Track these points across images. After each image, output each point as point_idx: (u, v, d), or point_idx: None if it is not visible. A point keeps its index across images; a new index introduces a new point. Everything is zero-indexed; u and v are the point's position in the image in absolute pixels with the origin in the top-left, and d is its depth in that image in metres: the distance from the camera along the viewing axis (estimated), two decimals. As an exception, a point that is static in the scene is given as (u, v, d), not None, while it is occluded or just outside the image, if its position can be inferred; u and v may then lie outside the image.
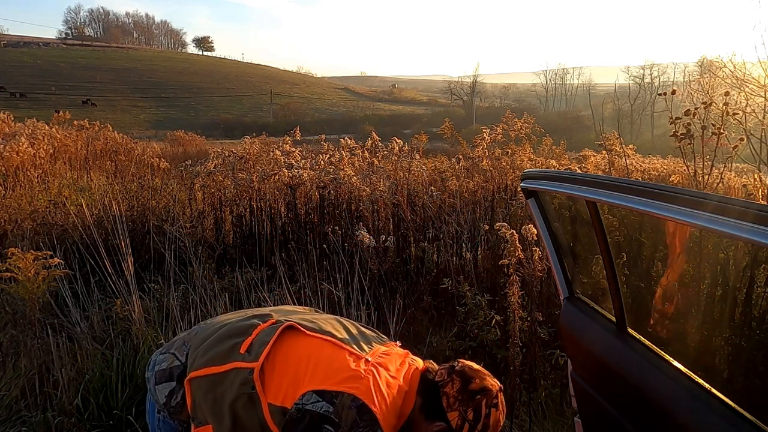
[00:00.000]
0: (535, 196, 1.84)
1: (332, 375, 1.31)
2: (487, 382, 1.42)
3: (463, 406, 1.37)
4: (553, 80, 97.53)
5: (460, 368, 1.44)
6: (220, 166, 5.43)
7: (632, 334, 1.55)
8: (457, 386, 1.39)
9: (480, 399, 1.37)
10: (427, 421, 1.38)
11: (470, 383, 1.40)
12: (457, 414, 1.36)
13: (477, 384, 1.40)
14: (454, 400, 1.37)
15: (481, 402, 1.37)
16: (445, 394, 1.38)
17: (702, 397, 1.24)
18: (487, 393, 1.39)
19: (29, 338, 3.00)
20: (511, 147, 4.97)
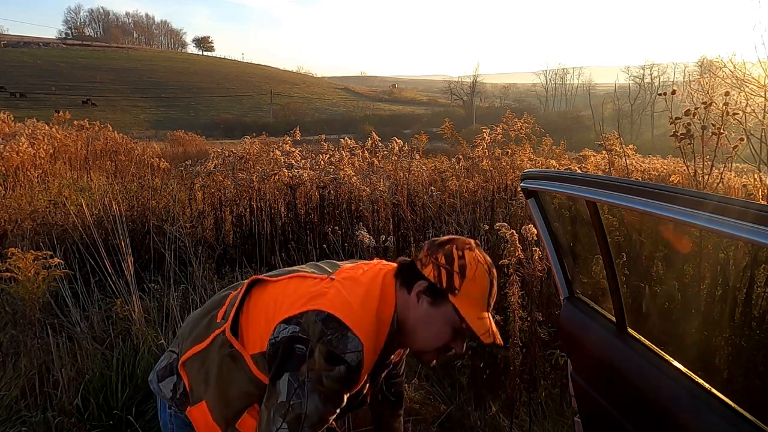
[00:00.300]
0: (535, 196, 1.84)
1: (296, 301, 1.28)
2: (452, 236, 1.34)
3: (432, 255, 1.29)
4: (553, 80, 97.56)
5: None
6: (220, 166, 5.44)
7: (632, 334, 1.55)
8: (425, 248, 1.33)
9: (449, 246, 1.29)
10: (408, 292, 1.30)
11: (437, 240, 1.33)
12: (431, 266, 1.28)
13: (442, 238, 1.34)
14: (425, 257, 1.30)
15: (450, 248, 1.28)
16: (417, 260, 1.32)
17: (702, 397, 1.24)
18: (455, 241, 1.31)
19: (29, 338, 3.00)
20: (511, 147, 4.97)
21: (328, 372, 1.18)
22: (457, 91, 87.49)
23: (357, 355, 1.20)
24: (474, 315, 1.27)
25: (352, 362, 1.19)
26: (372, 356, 1.26)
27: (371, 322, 1.26)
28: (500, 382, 2.90)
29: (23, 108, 46.62)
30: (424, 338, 1.31)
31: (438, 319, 1.28)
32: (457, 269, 1.26)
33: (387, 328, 1.30)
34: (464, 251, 1.28)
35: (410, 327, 1.31)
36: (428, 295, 1.28)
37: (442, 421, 2.73)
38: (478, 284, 1.27)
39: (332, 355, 1.18)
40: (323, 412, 1.20)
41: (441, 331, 1.30)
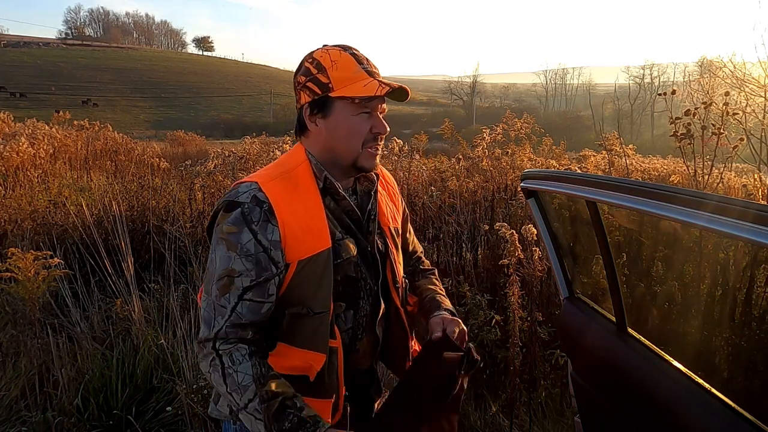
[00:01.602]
0: (535, 196, 1.84)
1: None
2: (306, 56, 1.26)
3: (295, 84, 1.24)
4: (553, 80, 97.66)
5: None
6: (220, 166, 5.44)
7: (632, 334, 1.55)
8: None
9: (300, 64, 1.23)
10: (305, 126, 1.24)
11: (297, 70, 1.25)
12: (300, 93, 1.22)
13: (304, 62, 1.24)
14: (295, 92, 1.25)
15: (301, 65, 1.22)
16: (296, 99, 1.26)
17: (702, 397, 1.24)
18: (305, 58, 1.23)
19: (29, 338, 3.00)
20: (511, 147, 4.97)
21: (227, 218, 1.14)
22: (457, 91, 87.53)
23: (249, 192, 1.14)
24: (358, 88, 1.17)
25: (245, 200, 1.13)
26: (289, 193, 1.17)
27: (270, 169, 1.23)
28: (500, 382, 2.90)
29: (23, 108, 46.65)
30: (347, 145, 1.21)
31: (339, 120, 1.20)
32: (315, 71, 1.19)
33: (306, 169, 1.22)
34: (312, 55, 1.21)
35: (330, 150, 1.22)
36: (316, 112, 1.20)
37: (442, 421, 2.73)
38: (341, 65, 1.18)
39: (228, 203, 1.15)
40: (227, 261, 1.12)
41: (353, 127, 1.20)
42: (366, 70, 1.19)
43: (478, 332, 2.90)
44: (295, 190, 1.19)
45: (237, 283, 1.12)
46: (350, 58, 1.19)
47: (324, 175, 1.21)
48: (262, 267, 1.13)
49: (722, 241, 2.93)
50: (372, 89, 1.16)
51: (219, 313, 1.12)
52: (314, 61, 1.20)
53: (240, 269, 1.12)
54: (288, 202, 1.16)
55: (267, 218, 1.13)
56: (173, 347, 2.94)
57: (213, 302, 1.13)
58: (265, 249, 1.13)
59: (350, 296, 1.24)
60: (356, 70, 1.18)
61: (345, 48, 1.21)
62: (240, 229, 1.12)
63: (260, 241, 1.13)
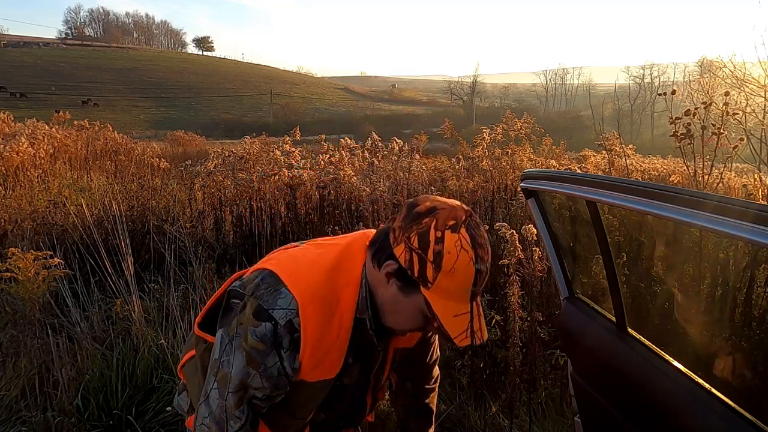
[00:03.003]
0: (535, 196, 1.84)
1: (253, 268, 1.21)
2: (438, 203, 1.05)
3: (406, 231, 1.03)
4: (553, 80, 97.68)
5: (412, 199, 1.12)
6: (220, 166, 5.44)
7: (632, 334, 1.55)
8: (403, 214, 1.07)
9: (427, 221, 1.02)
10: (378, 268, 1.09)
11: (415, 207, 1.06)
12: (403, 245, 1.03)
13: (425, 206, 1.05)
14: (399, 231, 1.05)
15: (429, 224, 1.02)
16: (392, 230, 1.07)
17: (702, 397, 1.24)
18: (436, 213, 1.03)
19: (29, 338, 3.00)
20: (511, 147, 4.98)
21: (254, 327, 1.06)
22: (457, 91, 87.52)
23: (287, 313, 1.06)
24: (449, 312, 1.05)
25: (280, 320, 1.06)
26: (323, 325, 1.09)
27: (317, 283, 1.10)
28: (500, 382, 2.90)
29: (23, 108, 46.68)
30: (394, 320, 1.14)
31: (408, 306, 1.09)
32: (431, 257, 1.01)
33: (351, 297, 1.12)
34: (444, 232, 1.01)
35: (379, 303, 1.13)
36: (398, 280, 1.07)
37: (442, 421, 2.73)
38: (457, 278, 1.02)
39: (260, 310, 1.07)
40: (245, 375, 1.08)
41: (412, 318, 1.11)
42: (473, 292, 1.05)
43: (478, 332, 2.90)
44: (330, 322, 1.11)
45: (251, 393, 1.12)
46: (472, 275, 1.03)
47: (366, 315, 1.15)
48: (279, 387, 1.12)
49: (722, 241, 2.93)
50: (456, 329, 1.05)
51: (233, 420, 1.12)
52: (441, 244, 1.02)
53: (257, 386, 1.10)
54: (318, 333, 1.10)
55: (295, 348, 1.09)
56: (173, 347, 2.94)
57: (226, 408, 1.11)
58: (287, 375, 1.11)
59: (332, 406, 1.25)
60: (465, 290, 1.04)
61: (477, 258, 1.03)
62: (267, 350, 1.07)
63: (284, 368, 1.10)
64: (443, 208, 1.04)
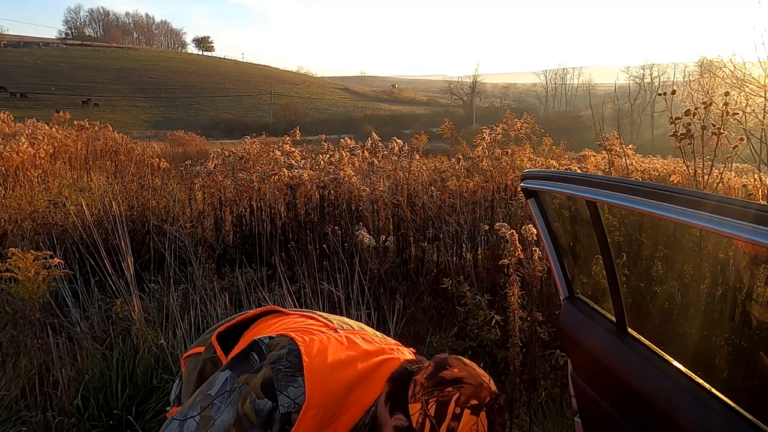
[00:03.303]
0: (535, 196, 1.84)
1: (288, 329, 1.19)
2: (467, 375, 1.05)
3: (426, 395, 1.03)
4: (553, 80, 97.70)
5: (445, 355, 1.12)
6: (220, 166, 5.44)
7: (632, 334, 1.55)
8: (429, 371, 1.07)
9: (450, 392, 1.01)
10: (389, 413, 1.08)
11: (443, 369, 1.05)
12: (419, 405, 1.03)
13: (452, 373, 1.05)
14: (420, 389, 1.04)
15: (451, 395, 1.01)
16: (414, 381, 1.07)
17: (702, 397, 1.24)
18: (462, 387, 1.02)
19: (29, 338, 3.00)
20: (511, 147, 4.97)
21: (256, 397, 1.06)
22: (457, 91, 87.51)
23: (290, 405, 1.06)
24: None
25: (281, 406, 1.06)
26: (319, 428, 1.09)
27: (334, 391, 1.09)
28: (500, 382, 2.90)
29: (23, 108, 46.67)
30: None
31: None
32: (443, 428, 1.00)
33: (354, 417, 1.11)
34: (464, 411, 1.00)
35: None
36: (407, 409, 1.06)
37: (442, 421, 2.73)
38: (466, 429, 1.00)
39: (269, 385, 1.07)
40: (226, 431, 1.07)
41: None
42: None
43: (478, 332, 2.90)
44: (326, 428, 1.10)
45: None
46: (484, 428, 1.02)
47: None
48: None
49: (722, 241, 2.93)
50: None
51: None
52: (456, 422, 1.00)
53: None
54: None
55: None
56: (173, 347, 2.94)
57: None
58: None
59: None
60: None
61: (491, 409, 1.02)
62: (257, 424, 1.06)
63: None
64: (470, 383, 1.03)
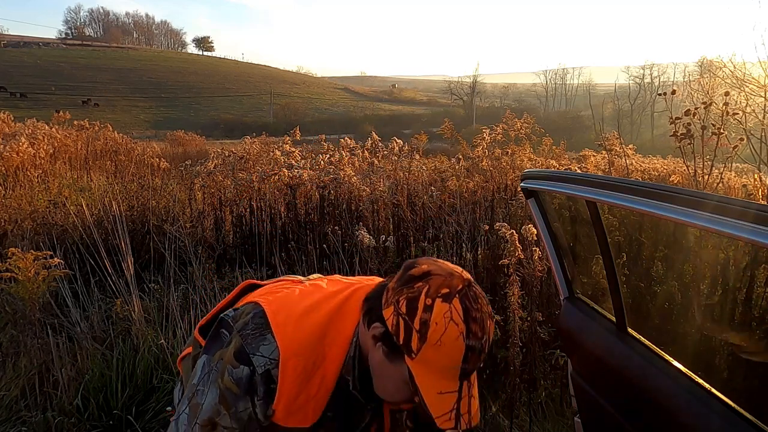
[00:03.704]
0: (535, 196, 1.84)
1: (256, 295, 1.18)
2: (436, 268, 0.99)
3: (396, 295, 0.98)
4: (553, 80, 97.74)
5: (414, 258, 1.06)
6: (220, 166, 5.44)
7: (632, 334, 1.55)
8: (398, 275, 1.02)
9: (420, 286, 0.96)
10: (367, 327, 1.05)
11: (412, 268, 1.00)
12: (392, 308, 0.98)
13: (421, 269, 0.99)
14: (391, 292, 1.00)
15: (420, 289, 0.96)
16: (386, 290, 1.02)
17: (702, 397, 1.24)
18: (431, 278, 0.97)
19: (29, 338, 3.00)
20: (511, 147, 4.97)
21: (233, 368, 1.04)
22: (457, 91, 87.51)
23: (266, 363, 1.03)
24: (433, 388, 0.97)
25: (259, 367, 1.03)
26: (302, 382, 1.05)
27: (307, 336, 1.06)
28: (500, 382, 2.90)
29: (23, 108, 46.68)
30: (381, 387, 1.08)
31: (393, 374, 1.02)
32: (417, 326, 0.95)
33: (338, 355, 1.08)
34: (435, 301, 0.95)
35: (369, 365, 1.08)
36: (384, 345, 1.02)
37: (442, 421, 2.73)
38: (443, 352, 0.95)
39: (241, 351, 1.04)
40: (216, 413, 1.05)
41: (397, 388, 1.04)
42: (464, 370, 0.98)
43: (478, 332, 2.90)
44: (312, 375, 1.06)
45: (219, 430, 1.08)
46: (461, 351, 0.95)
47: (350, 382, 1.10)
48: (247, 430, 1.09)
49: (722, 241, 2.93)
50: (439, 408, 0.97)
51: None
52: (429, 313, 0.95)
53: (226, 425, 1.07)
54: (296, 387, 1.06)
55: (270, 398, 1.06)
56: (173, 347, 2.94)
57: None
58: (258, 420, 1.08)
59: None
60: (452, 367, 0.97)
61: (469, 333, 0.96)
62: (240, 394, 1.05)
63: (256, 414, 1.07)
64: (439, 274, 0.98)
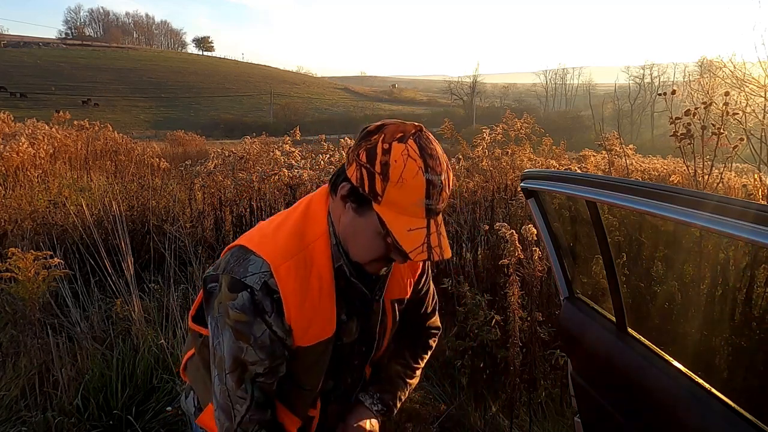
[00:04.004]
0: (535, 196, 1.84)
1: None
2: (389, 121, 1.05)
3: (356, 149, 1.03)
4: (553, 80, 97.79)
5: None
6: (220, 166, 5.45)
7: (632, 334, 1.55)
8: (357, 138, 1.06)
9: (376, 137, 1.01)
10: (335, 194, 1.09)
11: (368, 127, 1.05)
12: (354, 164, 1.03)
13: (375, 125, 1.04)
14: (351, 151, 1.05)
15: (377, 139, 1.01)
16: (347, 153, 1.08)
17: (702, 397, 1.24)
18: (385, 128, 1.02)
19: (29, 338, 3.00)
20: (511, 147, 4.98)
21: (232, 301, 1.04)
22: (457, 91, 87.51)
23: (260, 277, 1.04)
24: (403, 227, 1.00)
25: (255, 285, 1.03)
26: (302, 283, 1.07)
27: (286, 244, 1.08)
28: (500, 382, 2.90)
29: (23, 108, 46.68)
30: (357, 249, 1.09)
31: (365, 228, 1.05)
32: (378, 169, 0.99)
33: (324, 249, 1.10)
34: (392, 144, 0.99)
35: (342, 236, 1.10)
36: (352, 201, 1.05)
37: (442, 421, 2.73)
38: (406, 188, 0.99)
39: (233, 282, 1.05)
40: (238, 351, 1.05)
41: (371, 242, 1.07)
42: (428, 207, 1.01)
43: (478, 332, 2.90)
44: (309, 275, 1.08)
45: (251, 370, 1.08)
46: (422, 185, 0.99)
47: (340, 263, 1.12)
48: (276, 356, 1.08)
49: (722, 241, 2.93)
50: (410, 243, 1.00)
51: (238, 403, 1.08)
52: (387, 155, 0.99)
53: (253, 359, 1.07)
54: (299, 292, 1.07)
55: (279, 310, 1.06)
56: (173, 347, 2.94)
57: (229, 392, 1.08)
58: (280, 339, 1.07)
59: (339, 373, 1.23)
60: (416, 203, 1.00)
61: (427, 168, 1.00)
62: (252, 319, 1.04)
63: (276, 332, 1.06)
64: (392, 123, 1.03)
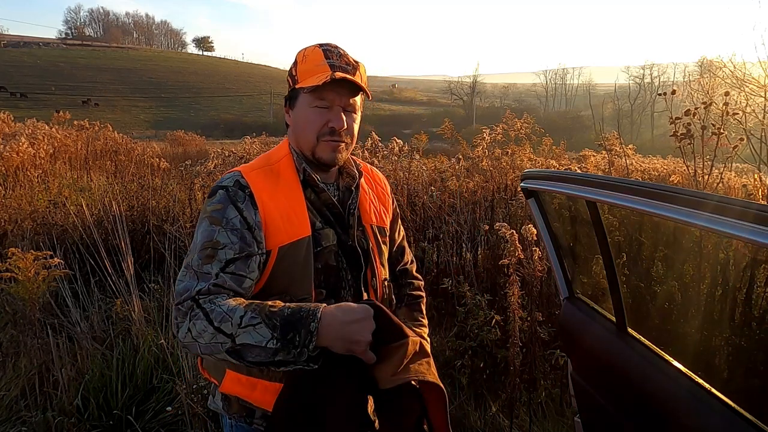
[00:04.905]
0: (535, 196, 1.84)
1: None
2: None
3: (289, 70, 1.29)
4: (553, 80, 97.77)
5: None
6: (220, 166, 5.44)
7: (632, 334, 1.55)
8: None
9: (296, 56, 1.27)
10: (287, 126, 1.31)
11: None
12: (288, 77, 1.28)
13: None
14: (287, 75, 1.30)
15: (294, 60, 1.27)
16: None
17: (702, 397, 1.24)
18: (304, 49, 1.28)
19: (29, 338, 3.00)
20: (511, 147, 4.97)
21: (210, 200, 1.19)
22: (457, 91, 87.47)
23: (232, 177, 1.21)
24: (312, 80, 1.19)
25: (228, 183, 1.19)
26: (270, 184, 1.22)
27: (254, 162, 1.29)
28: (500, 382, 2.90)
29: (23, 108, 46.63)
30: (303, 135, 1.25)
31: (300, 111, 1.25)
32: (293, 66, 1.26)
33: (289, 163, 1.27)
34: (305, 52, 1.24)
35: (296, 142, 1.28)
36: (288, 105, 1.28)
37: (442, 421, 2.73)
38: (309, 59, 1.22)
39: (212, 189, 1.21)
40: (211, 233, 1.13)
41: (308, 117, 1.23)
42: (331, 63, 1.20)
43: (478, 332, 2.90)
44: (277, 181, 1.23)
45: (220, 255, 1.11)
46: (319, 52, 1.21)
47: (303, 168, 1.25)
48: (246, 242, 1.14)
49: (722, 241, 2.93)
50: (319, 80, 1.16)
51: (201, 279, 1.10)
52: (300, 55, 1.25)
53: (224, 241, 1.12)
54: (269, 191, 1.20)
55: (252, 202, 1.17)
56: (173, 347, 2.94)
57: (194, 271, 1.11)
58: (250, 227, 1.15)
59: (331, 285, 1.24)
60: (320, 63, 1.20)
61: (323, 45, 1.24)
62: (225, 206, 1.16)
63: (246, 218, 1.15)
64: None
